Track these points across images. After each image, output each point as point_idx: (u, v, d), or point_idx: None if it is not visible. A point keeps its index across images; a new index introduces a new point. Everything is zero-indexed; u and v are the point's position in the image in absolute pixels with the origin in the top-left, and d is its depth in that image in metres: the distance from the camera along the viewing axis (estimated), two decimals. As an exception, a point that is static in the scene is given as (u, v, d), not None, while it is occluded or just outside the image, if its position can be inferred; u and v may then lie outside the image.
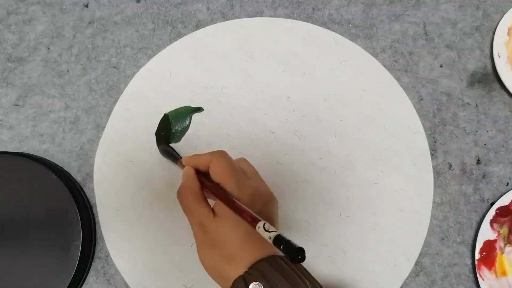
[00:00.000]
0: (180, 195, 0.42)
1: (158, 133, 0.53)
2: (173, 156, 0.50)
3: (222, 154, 0.42)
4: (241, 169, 0.42)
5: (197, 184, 0.42)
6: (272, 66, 0.54)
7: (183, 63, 0.55)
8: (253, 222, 0.35)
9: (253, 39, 0.55)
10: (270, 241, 0.33)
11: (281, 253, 0.36)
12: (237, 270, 0.38)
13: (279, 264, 0.37)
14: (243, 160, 0.45)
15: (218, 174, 0.40)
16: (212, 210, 0.40)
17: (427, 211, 0.52)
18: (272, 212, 0.42)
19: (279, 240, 0.32)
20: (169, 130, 0.53)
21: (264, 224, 0.34)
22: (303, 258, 0.31)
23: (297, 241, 0.51)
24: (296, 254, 0.31)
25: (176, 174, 0.52)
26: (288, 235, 0.51)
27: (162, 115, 0.54)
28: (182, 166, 0.45)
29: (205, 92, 0.54)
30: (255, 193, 0.40)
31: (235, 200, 0.38)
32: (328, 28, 0.56)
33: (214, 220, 0.39)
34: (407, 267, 0.51)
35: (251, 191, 0.40)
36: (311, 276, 0.39)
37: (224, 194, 0.39)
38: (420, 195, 0.52)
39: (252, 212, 0.36)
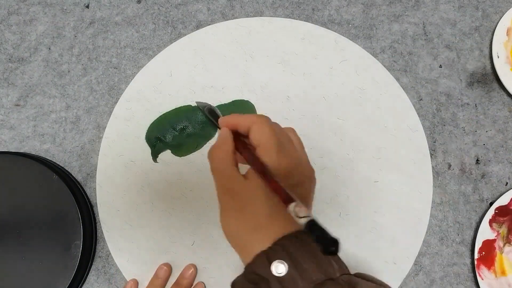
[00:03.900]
0: (211, 154, 0.39)
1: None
2: (215, 115, 0.47)
3: (266, 118, 0.39)
4: (287, 138, 0.39)
5: (231, 145, 0.39)
6: (272, 66, 0.55)
7: (183, 63, 0.55)
8: (286, 201, 0.32)
9: (252, 38, 0.55)
10: (302, 226, 0.30)
11: None
12: (262, 242, 0.34)
13: (305, 241, 0.34)
14: (291, 129, 0.42)
15: (258, 138, 0.37)
16: (244, 175, 0.37)
17: (427, 209, 0.52)
18: (308, 189, 0.39)
19: (313, 227, 0.30)
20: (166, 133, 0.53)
21: (296, 206, 0.31)
22: (337, 250, 0.28)
23: (297, 241, 0.51)
24: (330, 245, 0.28)
25: (176, 174, 0.53)
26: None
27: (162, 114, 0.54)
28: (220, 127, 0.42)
29: (205, 92, 0.54)
30: (295, 166, 0.37)
31: (269, 172, 0.35)
32: (328, 29, 0.56)
33: (245, 184, 0.36)
34: (407, 265, 0.51)
35: (291, 162, 0.37)
36: (338, 257, 0.36)
37: (259, 162, 0.36)
38: (420, 193, 0.52)
39: (286, 190, 0.33)
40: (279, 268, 0.33)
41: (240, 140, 0.39)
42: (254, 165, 0.37)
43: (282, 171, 0.36)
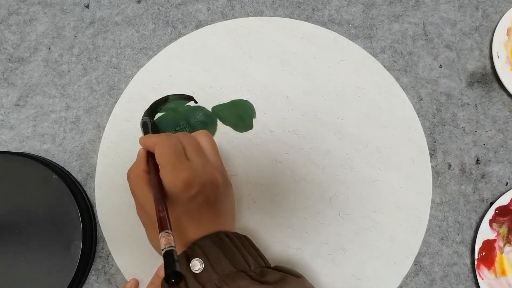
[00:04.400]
0: (127, 176, 0.42)
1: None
2: (146, 130, 0.50)
3: (169, 135, 0.42)
4: (194, 147, 0.42)
5: (143, 166, 0.41)
6: (271, 65, 0.55)
7: (182, 63, 0.55)
8: (160, 227, 0.35)
9: (252, 38, 0.55)
10: (161, 253, 0.33)
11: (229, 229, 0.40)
12: (181, 248, 0.39)
13: (222, 240, 0.39)
14: (202, 134, 0.45)
15: (158, 157, 0.40)
16: None
17: (426, 208, 0.52)
18: (215, 194, 0.42)
19: (167, 257, 0.32)
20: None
21: (162, 236, 0.34)
22: (175, 283, 0.30)
23: (297, 240, 0.51)
24: (170, 276, 0.30)
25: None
26: (287, 234, 0.52)
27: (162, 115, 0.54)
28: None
29: (205, 91, 0.54)
30: (193, 176, 0.39)
31: (158, 198, 0.38)
32: (328, 29, 0.56)
33: (153, 205, 0.39)
34: (407, 264, 0.51)
35: (188, 175, 0.39)
36: (259, 252, 0.40)
37: (155, 184, 0.39)
38: (419, 192, 0.52)
39: (164, 218, 0.35)
40: (194, 266, 0.37)
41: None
42: (152, 185, 0.40)
43: (179, 185, 0.39)
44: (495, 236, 0.51)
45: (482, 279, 0.51)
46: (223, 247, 0.38)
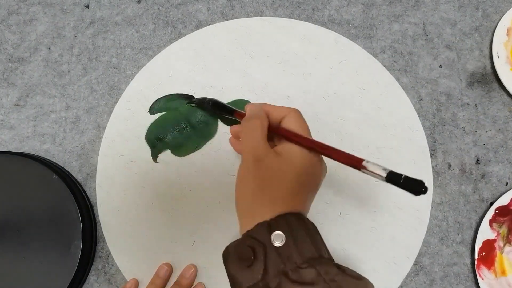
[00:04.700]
0: (247, 124, 0.40)
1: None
2: (225, 109, 0.49)
3: (299, 111, 0.42)
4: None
5: (267, 120, 0.41)
6: (272, 66, 0.55)
7: (183, 63, 0.55)
8: (355, 160, 0.35)
9: (252, 38, 0.55)
10: (383, 176, 0.33)
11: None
12: (269, 214, 0.36)
13: (305, 222, 0.37)
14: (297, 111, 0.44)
15: (294, 123, 0.40)
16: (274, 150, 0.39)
17: (427, 209, 0.52)
18: (319, 177, 0.42)
19: (393, 177, 0.33)
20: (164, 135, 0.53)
21: (368, 162, 0.34)
22: (426, 190, 0.31)
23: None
24: (418, 187, 0.31)
25: (176, 174, 0.53)
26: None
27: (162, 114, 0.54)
28: (240, 117, 0.44)
29: (205, 91, 0.54)
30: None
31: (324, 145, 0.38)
32: (328, 29, 0.56)
33: (277, 159, 0.38)
34: (407, 265, 0.51)
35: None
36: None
37: (309, 138, 0.39)
38: (420, 193, 0.52)
39: (347, 153, 0.36)
40: (277, 238, 0.34)
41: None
42: (301, 139, 0.39)
43: (314, 156, 0.39)
44: (495, 236, 0.51)
45: (482, 279, 0.51)
46: (308, 229, 0.36)
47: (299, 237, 0.35)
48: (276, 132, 0.41)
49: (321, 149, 0.38)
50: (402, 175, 0.33)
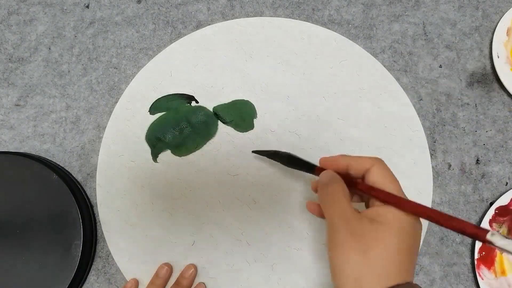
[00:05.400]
0: (326, 191, 0.37)
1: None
2: (302, 163, 0.44)
3: (383, 160, 0.38)
4: None
5: (343, 182, 0.37)
6: (272, 66, 0.55)
7: (183, 63, 0.55)
8: (478, 230, 0.31)
9: (252, 38, 0.55)
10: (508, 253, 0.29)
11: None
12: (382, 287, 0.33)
13: None
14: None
15: (383, 178, 0.36)
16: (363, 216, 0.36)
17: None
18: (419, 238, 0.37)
19: None
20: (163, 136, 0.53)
21: (493, 234, 0.30)
22: None
23: (297, 240, 0.51)
24: None
25: (176, 174, 0.53)
26: (288, 234, 0.52)
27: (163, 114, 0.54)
28: (318, 172, 0.40)
29: (205, 91, 0.54)
30: None
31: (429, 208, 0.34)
32: (328, 29, 0.56)
33: (371, 224, 0.34)
34: (407, 266, 0.51)
35: None
36: None
37: (409, 200, 0.35)
38: (420, 193, 0.52)
39: (462, 220, 0.32)
40: None
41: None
42: (393, 200, 0.35)
43: (414, 219, 0.35)
44: (495, 236, 0.51)
45: (482, 279, 0.51)
46: None
47: None
48: (365, 192, 0.37)
49: (426, 215, 0.34)
50: None
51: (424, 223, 0.52)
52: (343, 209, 0.35)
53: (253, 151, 0.51)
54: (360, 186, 0.37)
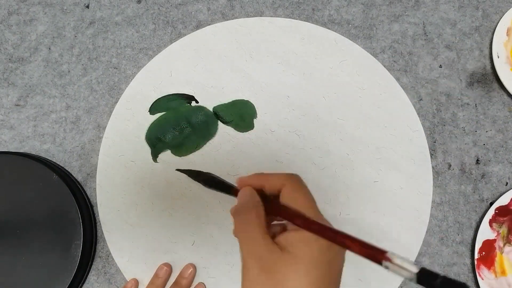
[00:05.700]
0: (240, 218, 0.34)
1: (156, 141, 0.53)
2: (221, 185, 0.40)
3: (298, 177, 0.34)
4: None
5: (262, 208, 0.33)
6: (272, 66, 0.55)
7: (183, 63, 0.55)
8: (378, 254, 0.29)
9: (252, 38, 0.55)
10: (413, 272, 0.27)
11: None
12: None
13: None
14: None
15: (294, 199, 0.33)
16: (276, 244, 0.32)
17: (427, 210, 0.52)
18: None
19: (427, 275, 0.26)
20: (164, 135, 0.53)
21: (393, 256, 0.28)
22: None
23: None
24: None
25: (176, 174, 0.53)
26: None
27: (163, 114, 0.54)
28: (236, 193, 0.37)
29: (205, 91, 0.54)
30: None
31: (336, 230, 0.30)
32: (328, 29, 0.56)
33: (281, 257, 0.31)
34: (407, 266, 0.51)
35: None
36: None
37: (316, 222, 0.31)
38: (420, 193, 0.52)
39: (366, 242, 0.29)
40: None
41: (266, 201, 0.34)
42: (306, 224, 0.31)
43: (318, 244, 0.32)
44: (495, 236, 0.51)
45: (482, 279, 0.51)
46: None
47: None
48: (278, 215, 0.34)
49: (329, 237, 0.31)
50: (439, 274, 0.25)
51: (424, 223, 0.52)
52: (256, 243, 0.32)
53: (176, 169, 0.45)
54: (273, 207, 0.34)
